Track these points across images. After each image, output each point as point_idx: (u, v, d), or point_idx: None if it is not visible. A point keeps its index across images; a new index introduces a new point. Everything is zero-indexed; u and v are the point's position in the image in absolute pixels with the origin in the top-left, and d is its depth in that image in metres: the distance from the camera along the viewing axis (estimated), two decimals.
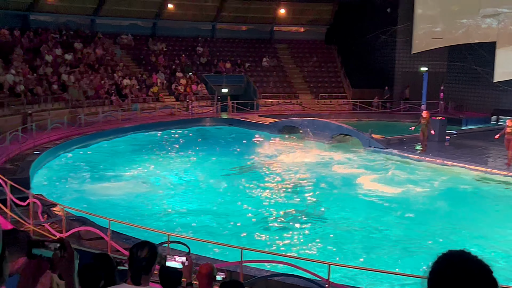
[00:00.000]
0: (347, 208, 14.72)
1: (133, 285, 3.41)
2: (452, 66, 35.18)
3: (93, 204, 14.06)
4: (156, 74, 32.66)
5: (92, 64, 30.36)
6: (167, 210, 14.48)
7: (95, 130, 24.05)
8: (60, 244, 2.41)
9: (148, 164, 19.82)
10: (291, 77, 37.33)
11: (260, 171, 18.99)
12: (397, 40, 35.65)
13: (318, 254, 11.14)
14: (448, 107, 33.68)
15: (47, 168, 18.44)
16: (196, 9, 36.85)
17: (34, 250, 2.38)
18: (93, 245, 10.32)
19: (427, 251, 11.25)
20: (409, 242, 12.13)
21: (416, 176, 18.00)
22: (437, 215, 14.09)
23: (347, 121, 28.25)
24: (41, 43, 29.48)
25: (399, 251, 11.57)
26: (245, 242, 11.28)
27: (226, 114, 31.56)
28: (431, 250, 11.23)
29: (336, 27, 39.33)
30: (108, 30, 34.16)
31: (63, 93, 26.84)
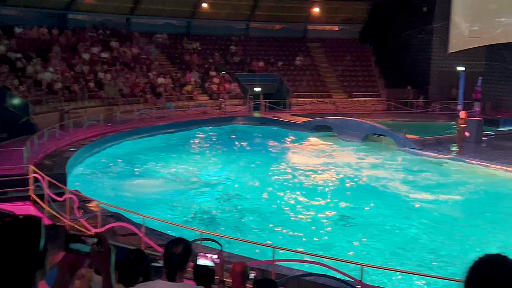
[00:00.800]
0: (380, 209, 14.57)
1: (168, 281, 3.44)
2: (490, 66, 34.39)
3: (128, 201, 14.27)
4: (190, 73, 32.92)
5: (127, 62, 30.80)
6: (200, 207, 14.58)
7: (130, 127, 24.38)
8: (97, 239, 2.45)
9: (182, 162, 20.01)
10: (324, 76, 37.10)
11: (292, 171, 18.94)
12: (433, 39, 35.03)
13: (350, 254, 11.05)
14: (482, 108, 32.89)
15: (83, 164, 18.78)
16: (230, 8, 36.98)
17: (72, 245, 2.42)
18: (127, 241, 10.46)
19: (462, 254, 11.06)
20: (443, 244, 11.94)
21: (451, 178, 17.71)
22: (473, 218, 13.83)
23: (381, 120, 27.94)
24: (79, 41, 30.05)
25: (433, 254, 11.39)
26: (277, 241, 11.28)
27: (258, 113, 31.58)
28: (466, 253, 11.04)
29: (370, 26, 38.90)
30: (143, 29, 34.61)
31: (99, 91, 27.31)
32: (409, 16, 35.53)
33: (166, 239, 10.22)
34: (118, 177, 17.31)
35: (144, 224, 9.94)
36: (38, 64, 25.90)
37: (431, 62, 35.81)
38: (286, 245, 10.40)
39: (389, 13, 36.81)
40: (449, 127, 26.45)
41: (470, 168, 18.95)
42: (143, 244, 9.85)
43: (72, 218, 11.49)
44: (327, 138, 25.55)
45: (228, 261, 8.86)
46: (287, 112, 31.55)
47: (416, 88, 35.59)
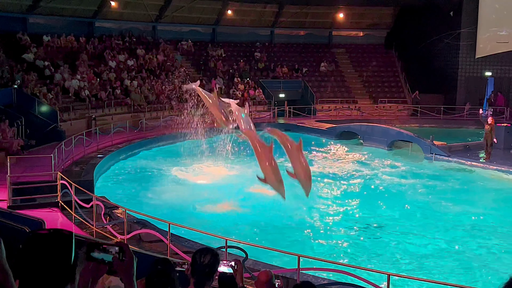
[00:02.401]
0: (407, 217, 14.38)
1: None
2: None
3: (154, 207, 14.34)
4: (214, 79, 33.08)
5: (153, 69, 31.10)
6: (226, 214, 14.58)
7: (156, 134, 24.57)
8: (119, 248, 2.45)
9: (206, 168, 20.06)
10: (349, 82, 36.90)
11: (317, 178, 18.81)
12: (461, 44, 34.56)
13: (377, 264, 10.92)
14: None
15: (110, 171, 18.97)
16: (255, 14, 37.12)
17: (94, 254, 2.43)
18: (153, 247, 10.52)
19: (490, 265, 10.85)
20: (471, 254, 11.71)
21: (479, 185, 17.40)
22: (502, 227, 13.54)
23: (407, 127, 27.62)
24: (105, 49, 30.47)
25: (460, 264, 11.18)
26: (303, 249, 11.21)
27: (282, 119, 31.55)
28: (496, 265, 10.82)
29: (396, 31, 38.56)
30: (169, 37, 34.96)
31: (125, 98, 27.62)
32: (435, 21, 35.14)
33: (192, 246, 10.25)
34: (144, 184, 17.43)
35: (170, 231, 9.97)
36: (66, 72, 26.32)
37: (458, 68, 35.32)
38: (311, 253, 10.34)
39: (415, 18, 36.46)
40: (477, 133, 26.01)
41: (498, 175, 18.60)
42: (169, 251, 9.88)
43: (99, 225, 11.60)
44: (353, 145, 25.35)
45: (253, 269, 8.86)
46: (311, 118, 31.44)
47: (443, 93, 35.17)
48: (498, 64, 34.17)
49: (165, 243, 10.12)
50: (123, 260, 2.44)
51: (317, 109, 33.40)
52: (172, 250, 9.93)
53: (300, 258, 8.71)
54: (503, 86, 34.86)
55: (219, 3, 35.42)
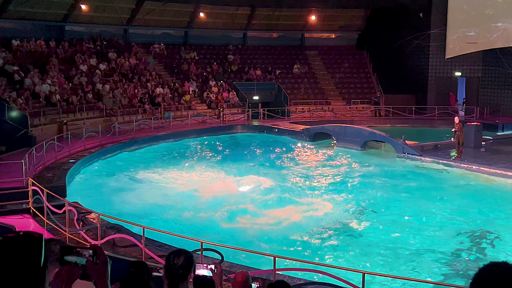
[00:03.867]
0: (380, 216, 14.53)
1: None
2: (487, 71, 34.50)
3: (128, 212, 14.21)
4: (188, 82, 32.97)
5: (125, 73, 30.85)
6: (200, 217, 14.53)
7: (129, 138, 24.38)
8: (93, 251, 2.42)
9: (181, 171, 19.97)
10: (322, 84, 37.17)
11: (291, 179, 18.90)
12: (430, 45, 35.13)
13: (351, 263, 11.00)
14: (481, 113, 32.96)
15: (82, 176, 18.74)
16: (227, 17, 37.13)
17: (67, 257, 2.40)
18: (128, 252, 10.43)
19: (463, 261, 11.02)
20: (444, 251, 11.89)
21: (450, 183, 17.67)
22: (473, 223, 13.78)
23: (379, 127, 27.94)
24: (76, 53, 30.10)
25: (434, 261, 11.34)
26: (278, 250, 11.24)
27: (257, 121, 31.61)
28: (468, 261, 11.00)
29: (367, 33, 39.03)
30: (141, 40, 34.71)
31: (97, 102, 27.32)
32: (405, 23, 35.65)
33: (167, 250, 10.18)
34: (118, 188, 17.26)
35: (144, 235, 9.89)
36: (36, 77, 25.92)
37: (429, 68, 35.89)
38: (287, 254, 10.37)
39: (386, 20, 36.94)
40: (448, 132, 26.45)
41: (469, 173, 18.93)
42: (144, 255, 9.80)
43: (72, 231, 11.44)
44: (326, 145, 25.53)
45: (229, 271, 8.84)
46: (285, 120, 31.57)
47: (414, 94, 35.67)
48: (468, 64, 34.83)
49: (140, 248, 10.03)
50: (97, 263, 2.41)
51: (291, 110, 33.55)
52: (147, 254, 9.85)
53: (276, 258, 8.73)
54: (472, 86, 35.54)
55: (191, 6, 35.33)
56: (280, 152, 24.34)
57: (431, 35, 34.78)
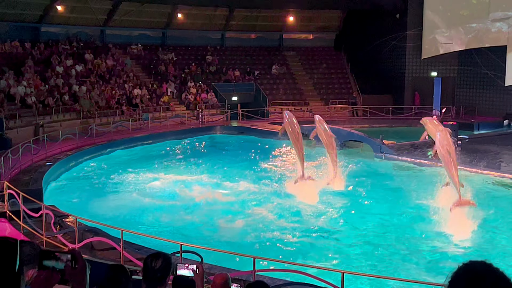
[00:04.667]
0: (358, 215, 14.62)
1: None
2: (463, 71, 35.01)
3: (106, 215, 14.08)
4: (166, 84, 32.81)
5: (102, 74, 30.57)
6: (180, 219, 14.46)
7: (106, 140, 24.15)
8: (71, 256, 2.40)
9: (160, 173, 19.84)
10: (300, 84, 37.32)
11: (271, 180, 18.91)
12: (407, 45, 35.53)
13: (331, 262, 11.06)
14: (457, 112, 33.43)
15: (59, 179, 18.51)
16: (205, 18, 37.05)
17: (46, 262, 2.38)
18: (106, 255, 10.33)
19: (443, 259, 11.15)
20: (421, 249, 12.02)
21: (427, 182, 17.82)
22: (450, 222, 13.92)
23: (357, 127, 28.13)
24: (52, 54, 29.74)
25: (413, 259, 11.45)
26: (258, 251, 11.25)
27: (236, 122, 31.58)
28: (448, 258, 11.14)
29: (345, 34, 39.34)
30: (118, 41, 34.44)
31: (74, 104, 27.03)
32: (382, 23, 36.02)
33: (146, 252, 10.10)
34: (95, 191, 17.09)
35: (122, 238, 9.81)
36: (11, 78, 25.53)
37: (405, 68, 36.30)
38: (266, 255, 10.38)
39: (362, 21, 37.28)
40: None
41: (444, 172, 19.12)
42: (122, 258, 9.72)
43: (49, 234, 11.29)
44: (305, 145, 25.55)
45: (209, 273, 8.81)
46: (264, 120, 31.60)
47: (391, 94, 36.03)
48: (443, 64, 35.31)
49: (118, 251, 9.94)
50: (76, 268, 2.40)
51: (269, 111, 33.60)
52: (126, 257, 9.77)
53: (256, 259, 8.73)
54: (448, 86, 36.02)
55: (168, 6, 35.18)
56: (259, 153, 24.33)
57: (408, 36, 35.18)
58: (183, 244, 9.33)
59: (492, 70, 31.59)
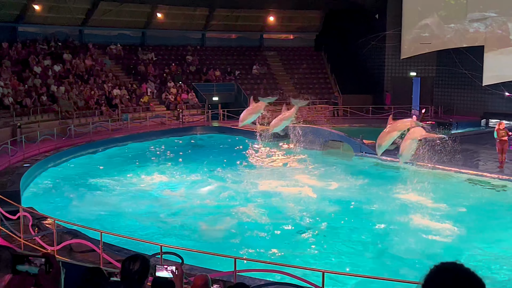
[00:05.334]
0: (338, 215, 14.68)
1: None
2: (442, 71, 35.39)
3: (85, 217, 13.94)
4: (146, 84, 32.60)
5: (81, 74, 30.26)
6: (160, 220, 14.38)
7: (85, 141, 23.91)
8: (45, 259, 2.36)
9: (140, 174, 19.71)
10: (281, 84, 37.37)
11: (251, 180, 18.90)
12: (386, 45, 35.81)
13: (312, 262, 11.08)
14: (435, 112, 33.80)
15: (37, 180, 18.27)
16: (185, 18, 36.90)
17: (19, 266, 2.34)
18: (85, 257, 10.23)
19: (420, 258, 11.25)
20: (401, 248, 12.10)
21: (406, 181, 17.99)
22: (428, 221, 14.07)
23: (338, 127, 28.27)
24: (30, 54, 29.35)
25: (391, 258, 11.54)
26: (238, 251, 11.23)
27: (217, 122, 31.50)
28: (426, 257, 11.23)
29: (325, 34, 39.48)
30: (97, 41, 34.07)
31: (52, 105, 26.70)
32: (362, 24, 36.24)
33: (125, 254, 10.02)
34: (74, 193, 16.90)
35: (102, 240, 9.72)
36: None
37: (385, 68, 36.59)
38: (247, 256, 10.37)
39: (342, 21, 37.46)
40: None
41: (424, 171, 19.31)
42: (102, 260, 9.63)
43: (27, 237, 11.14)
44: (286, 146, 25.64)
45: (190, 274, 8.76)
46: None
47: (371, 94, 36.27)
48: (422, 64, 35.66)
49: (98, 253, 9.85)
50: (49, 272, 2.36)
51: None
52: (105, 259, 9.68)
53: (236, 260, 8.72)
54: (427, 85, 36.39)
55: (147, 6, 34.95)
56: (240, 153, 24.33)
57: (387, 36, 35.44)
58: (163, 246, 9.28)
59: (470, 70, 31.96)
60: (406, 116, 31.45)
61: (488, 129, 28.28)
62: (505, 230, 13.35)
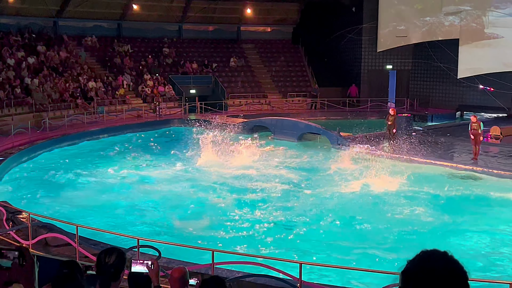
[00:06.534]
0: (315, 206, 14.75)
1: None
2: (417, 64, 35.78)
3: (60, 210, 13.79)
4: (122, 76, 32.26)
5: (56, 67, 29.81)
6: (136, 214, 14.30)
7: (60, 134, 23.61)
8: (19, 252, 2.32)
9: (115, 168, 19.53)
10: (259, 77, 37.36)
11: (228, 173, 18.88)
12: (363, 39, 36.03)
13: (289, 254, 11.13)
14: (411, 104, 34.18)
15: (11, 174, 18.00)
16: (162, 9, 36.59)
17: None
18: (61, 252, 10.12)
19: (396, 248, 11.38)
20: (377, 239, 12.23)
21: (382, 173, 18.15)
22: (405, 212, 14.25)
23: (315, 120, 28.39)
24: (3, 46, 28.80)
25: (368, 249, 11.65)
26: (216, 244, 11.23)
27: (194, 115, 31.36)
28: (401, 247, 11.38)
29: (302, 27, 39.53)
30: (71, 32, 33.58)
31: (26, 97, 26.28)
32: (338, 17, 36.40)
33: (102, 248, 9.93)
34: (50, 186, 16.70)
35: (78, 233, 9.62)
36: None
37: (361, 61, 36.83)
38: (224, 248, 10.37)
39: (320, 14, 37.58)
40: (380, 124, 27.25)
41: (399, 163, 19.53)
42: (78, 254, 9.54)
43: (1, 231, 10.97)
44: (264, 138, 25.65)
45: (167, 267, 8.74)
46: (223, 113, 31.49)
47: (348, 86, 36.49)
48: (398, 57, 35.99)
49: (74, 247, 9.76)
50: (23, 265, 2.32)
51: (228, 104, 33.52)
52: (82, 253, 9.60)
53: (214, 252, 8.72)
54: (403, 78, 36.75)
55: None
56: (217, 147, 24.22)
57: (363, 29, 35.68)
58: (141, 239, 9.23)
59: (445, 63, 32.38)
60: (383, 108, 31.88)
61: (462, 121, 28.69)
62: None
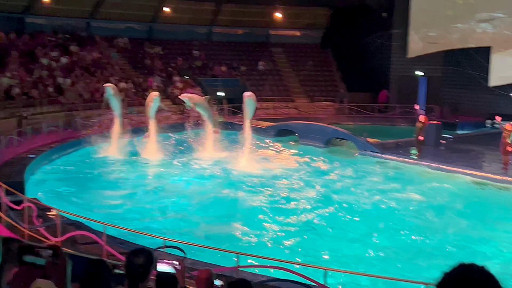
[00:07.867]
0: (342, 213, 14.68)
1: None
2: (448, 71, 35.25)
3: (89, 208, 14.00)
4: (152, 78, 32.61)
5: (88, 67, 30.30)
6: (165, 214, 14.42)
7: (91, 133, 23.90)
8: (52, 251, 2.38)
9: (145, 168, 19.74)
10: (286, 81, 37.34)
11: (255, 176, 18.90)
12: (393, 44, 35.67)
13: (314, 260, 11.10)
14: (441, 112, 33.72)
15: (42, 171, 18.35)
16: (193, 12, 36.89)
17: (26, 258, 2.35)
18: (88, 249, 10.27)
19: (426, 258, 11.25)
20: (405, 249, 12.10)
21: (410, 181, 17.99)
22: (433, 221, 14.07)
23: (343, 125, 28.23)
24: (37, 46, 29.41)
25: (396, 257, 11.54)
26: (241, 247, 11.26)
27: (222, 117, 31.46)
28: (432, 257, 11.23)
29: (331, 31, 39.39)
30: (104, 33, 34.12)
31: (58, 96, 26.77)
32: (368, 22, 36.11)
33: (129, 247, 10.07)
34: (79, 185, 16.96)
35: (105, 232, 9.76)
36: None
37: (390, 67, 36.48)
38: (250, 251, 10.39)
39: (349, 19, 37.36)
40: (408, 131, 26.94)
41: (429, 171, 19.32)
42: (105, 252, 9.68)
43: (31, 227, 11.19)
44: (291, 142, 25.63)
45: (192, 268, 8.80)
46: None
47: (377, 92, 36.20)
48: (429, 64, 35.51)
49: (101, 245, 9.90)
50: (57, 264, 2.38)
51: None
52: (109, 251, 9.73)
53: (239, 256, 8.75)
54: (433, 85, 36.25)
55: (155, 0, 34.97)
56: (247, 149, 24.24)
57: (393, 34, 35.31)
58: (167, 239, 9.32)
59: (476, 71, 31.83)
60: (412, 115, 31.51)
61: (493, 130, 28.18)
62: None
